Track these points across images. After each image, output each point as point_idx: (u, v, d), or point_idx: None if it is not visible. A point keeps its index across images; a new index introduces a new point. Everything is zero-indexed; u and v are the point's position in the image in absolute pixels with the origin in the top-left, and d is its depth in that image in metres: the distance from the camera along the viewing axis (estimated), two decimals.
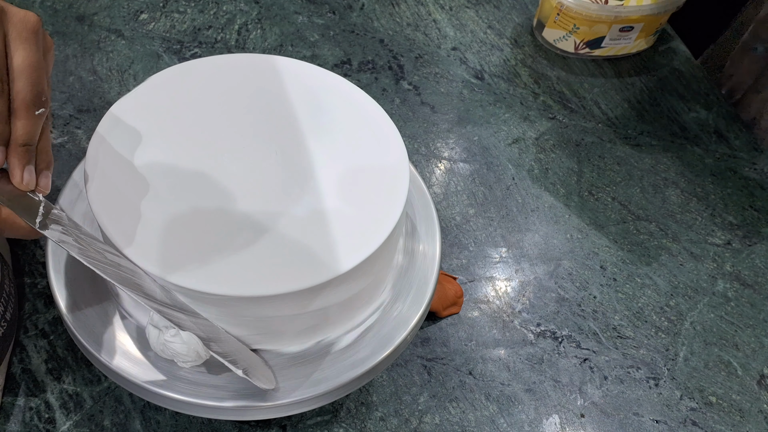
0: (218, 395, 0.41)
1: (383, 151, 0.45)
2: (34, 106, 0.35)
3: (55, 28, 0.76)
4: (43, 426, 0.50)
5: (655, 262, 0.66)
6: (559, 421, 0.55)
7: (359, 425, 0.53)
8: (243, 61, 0.49)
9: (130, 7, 0.80)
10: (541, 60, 0.84)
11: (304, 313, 0.41)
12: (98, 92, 0.71)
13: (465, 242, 0.65)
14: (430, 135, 0.74)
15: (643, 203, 0.71)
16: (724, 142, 0.79)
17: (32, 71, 0.35)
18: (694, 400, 0.58)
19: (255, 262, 0.38)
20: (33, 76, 0.35)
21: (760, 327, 0.63)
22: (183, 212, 0.40)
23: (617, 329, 0.61)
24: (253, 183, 0.42)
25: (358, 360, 0.43)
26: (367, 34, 0.83)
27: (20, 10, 0.35)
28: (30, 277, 0.56)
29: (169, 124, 0.44)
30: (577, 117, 0.78)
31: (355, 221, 0.41)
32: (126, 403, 0.51)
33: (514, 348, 0.59)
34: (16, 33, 0.35)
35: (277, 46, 0.79)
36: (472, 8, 0.88)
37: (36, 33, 0.35)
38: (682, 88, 0.84)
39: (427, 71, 0.80)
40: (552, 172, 0.72)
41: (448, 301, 0.59)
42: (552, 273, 0.64)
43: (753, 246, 0.69)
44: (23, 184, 0.36)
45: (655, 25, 0.82)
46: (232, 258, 0.38)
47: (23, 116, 0.35)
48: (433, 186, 0.69)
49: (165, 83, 0.46)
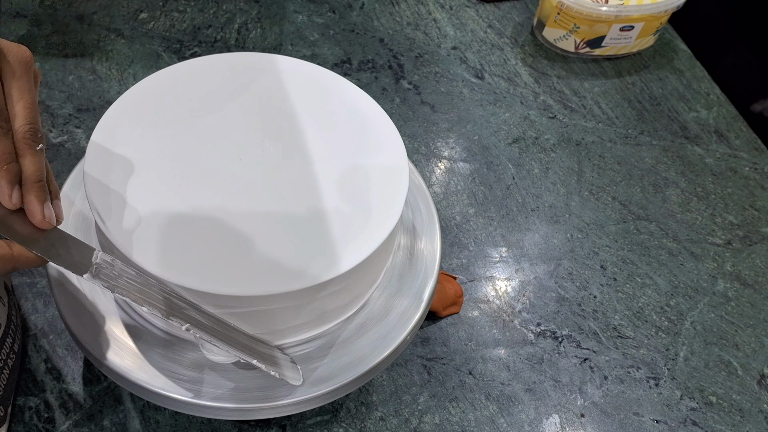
0: (218, 395, 0.41)
1: (383, 150, 0.45)
2: (35, 143, 0.35)
3: (54, 27, 0.76)
4: (42, 425, 0.49)
5: (656, 262, 0.66)
6: (559, 421, 0.55)
7: (359, 425, 0.53)
8: (243, 60, 0.49)
9: (129, 6, 0.80)
10: (542, 59, 0.84)
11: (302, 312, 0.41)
12: (98, 91, 0.71)
13: (465, 242, 0.65)
14: (430, 134, 0.74)
15: (644, 203, 0.71)
16: (725, 141, 0.78)
17: (31, 109, 0.35)
18: (695, 399, 0.58)
19: (254, 262, 0.38)
20: (31, 114, 0.35)
21: (761, 327, 0.63)
22: (182, 211, 0.40)
23: (617, 329, 0.61)
24: (252, 182, 0.42)
25: (357, 360, 0.43)
26: (367, 34, 0.82)
27: (14, 45, 0.35)
28: (30, 276, 0.56)
29: (168, 123, 0.44)
30: (578, 116, 0.78)
31: (355, 221, 0.41)
32: (125, 402, 0.51)
33: (514, 348, 0.59)
34: (11, 71, 0.35)
35: (276, 45, 0.79)
36: (472, 7, 0.88)
37: (30, 69, 0.36)
38: (682, 88, 0.84)
39: (427, 70, 0.80)
40: (552, 172, 0.72)
41: (448, 300, 0.59)
42: (552, 273, 0.64)
43: (753, 246, 0.69)
44: (45, 221, 0.35)
45: (656, 25, 0.82)
46: (232, 257, 0.38)
47: (29, 153, 0.35)
48: (433, 185, 0.69)
49: (164, 82, 0.46)
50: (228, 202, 0.40)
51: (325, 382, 0.42)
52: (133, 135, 0.43)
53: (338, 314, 0.44)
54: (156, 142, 0.43)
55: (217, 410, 0.41)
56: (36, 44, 0.74)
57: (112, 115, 0.43)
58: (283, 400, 0.41)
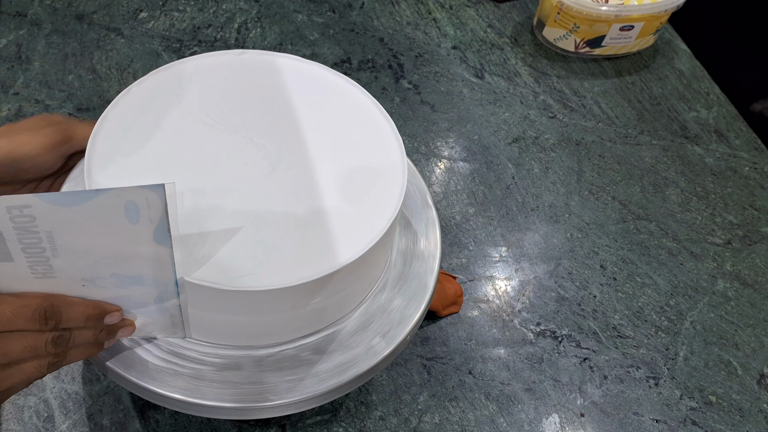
0: (218, 395, 0.41)
1: (382, 149, 0.45)
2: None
3: (54, 26, 0.76)
4: (42, 425, 0.49)
5: (655, 262, 0.66)
6: (559, 421, 0.55)
7: (359, 424, 0.53)
8: (242, 58, 0.49)
9: (129, 6, 0.80)
10: (542, 59, 0.84)
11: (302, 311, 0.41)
12: (97, 91, 0.71)
13: (465, 241, 0.65)
14: (429, 134, 0.74)
15: (644, 202, 0.71)
16: (725, 141, 0.78)
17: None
18: (694, 399, 0.58)
19: (253, 259, 0.38)
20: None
21: (760, 326, 0.63)
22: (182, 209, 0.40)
23: (617, 329, 0.61)
24: (252, 180, 0.42)
25: (357, 359, 0.43)
26: (367, 33, 0.82)
27: None
28: None
29: (168, 122, 0.44)
30: (578, 116, 0.78)
31: (353, 219, 0.41)
32: (125, 402, 0.51)
33: (514, 347, 0.59)
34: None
35: (276, 44, 0.79)
36: (472, 7, 0.88)
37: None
38: (682, 88, 0.84)
39: (427, 70, 0.80)
40: (552, 172, 0.72)
41: (447, 300, 0.59)
42: (552, 272, 0.64)
43: (753, 245, 0.69)
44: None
45: (656, 24, 0.82)
46: (232, 254, 0.38)
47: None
48: (432, 185, 0.69)
49: (164, 81, 0.46)
50: (227, 200, 0.40)
51: (325, 381, 0.42)
52: (132, 133, 0.43)
53: (338, 313, 0.44)
54: (156, 140, 0.43)
55: (217, 410, 0.41)
56: (36, 44, 0.74)
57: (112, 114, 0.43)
58: (283, 400, 0.41)
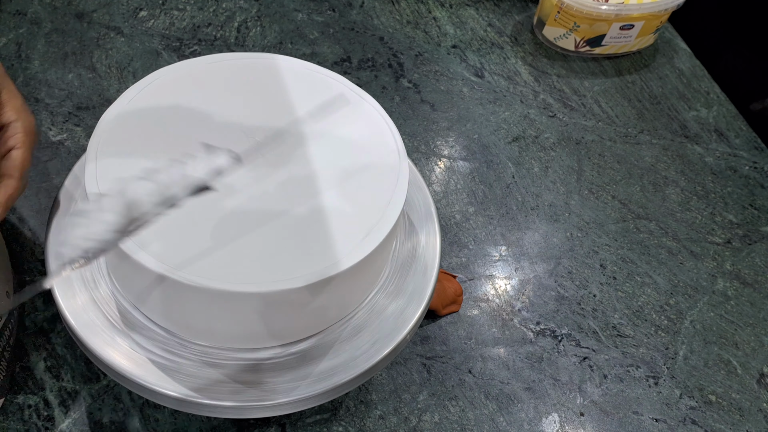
0: (218, 394, 0.41)
1: (382, 149, 0.45)
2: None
3: (54, 25, 0.76)
4: (42, 423, 0.49)
5: (655, 261, 0.66)
6: (559, 420, 0.55)
7: (358, 423, 0.53)
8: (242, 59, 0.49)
9: (129, 5, 0.80)
10: (542, 58, 0.84)
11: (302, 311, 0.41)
12: (97, 90, 0.71)
13: (465, 240, 0.65)
14: (429, 133, 0.74)
15: (643, 202, 0.71)
16: (725, 140, 0.78)
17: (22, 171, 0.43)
18: (694, 398, 0.58)
19: (254, 260, 0.38)
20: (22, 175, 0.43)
21: (760, 326, 0.63)
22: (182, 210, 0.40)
23: (617, 328, 0.61)
24: (252, 181, 0.42)
25: (357, 358, 0.43)
26: (367, 32, 0.82)
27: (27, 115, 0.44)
28: (29, 275, 0.56)
29: (168, 122, 0.44)
30: (578, 115, 0.78)
31: (354, 220, 0.41)
32: (125, 400, 0.51)
33: (514, 346, 0.59)
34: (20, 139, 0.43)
35: (276, 43, 0.79)
36: (472, 6, 0.88)
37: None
38: (682, 87, 0.83)
39: (427, 69, 0.80)
40: (552, 171, 0.72)
41: (447, 299, 0.59)
42: (552, 271, 0.64)
43: (753, 245, 0.69)
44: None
45: (656, 24, 0.82)
46: (232, 255, 0.38)
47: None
48: (432, 184, 0.69)
49: (165, 81, 0.46)
50: (228, 200, 0.40)
51: (325, 380, 0.42)
52: (133, 134, 0.43)
53: (338, 313, 0.44)
54: (156, 140, 0.43)
55: (217, 408, 0.41)
56: (36, 42, 0.74)
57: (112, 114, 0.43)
58: (283, 399, 0.41)
